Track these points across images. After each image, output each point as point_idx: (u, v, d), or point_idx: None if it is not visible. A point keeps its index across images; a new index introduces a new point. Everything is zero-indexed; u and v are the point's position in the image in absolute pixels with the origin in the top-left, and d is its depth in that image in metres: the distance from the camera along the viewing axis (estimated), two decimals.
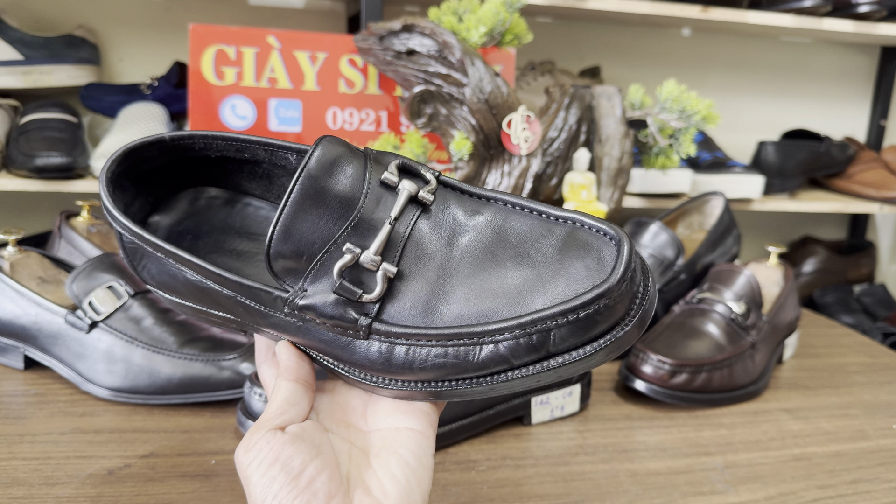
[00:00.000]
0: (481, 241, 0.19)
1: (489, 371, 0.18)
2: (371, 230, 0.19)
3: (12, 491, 0.27)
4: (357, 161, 0.20)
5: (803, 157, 0.86)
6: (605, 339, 0.18)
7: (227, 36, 0.54)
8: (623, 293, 0.17)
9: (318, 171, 0.19)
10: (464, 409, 0.32)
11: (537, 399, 0.34)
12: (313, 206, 0.19)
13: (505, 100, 0.48)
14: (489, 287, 0.18)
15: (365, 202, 0.19)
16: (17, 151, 0.62)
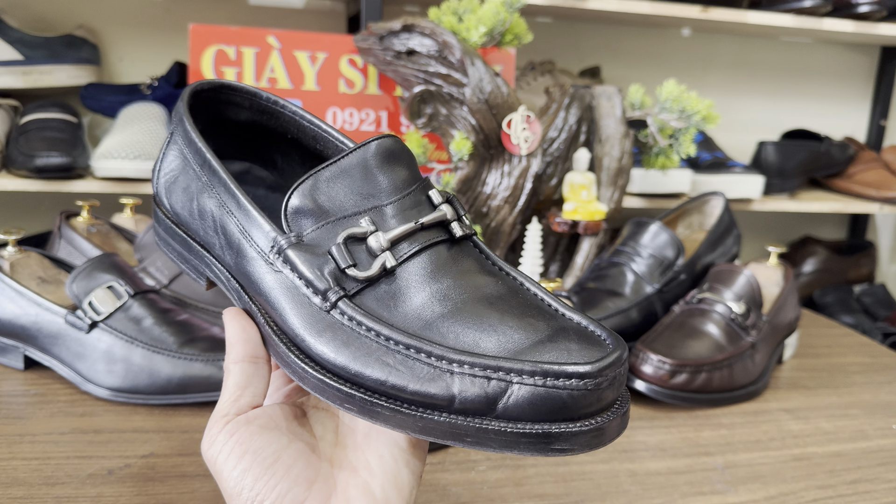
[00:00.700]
0: (487, 290, 0.18)
1: (427, 400, 0.16)
2: (395, 222, 0.19)
3: (12, 491, 0.27)
4: (413, 169, 0.21)
5: (803, 157, 0.86)
6: (557, 425, 0.15)
7: (226, 36, 0.54)
8: (602, 388, 0.16)
9: (379, 152, 0.20)
10: None
11: None
12: (359, 177, 0.19)
13: (505, 100, 0.48)
14: (478, 324, 0.17)
15: (403, 198, 0.19)
16: (17, 151, 0.62)
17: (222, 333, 0.36)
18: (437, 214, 0.19)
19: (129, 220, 0.48)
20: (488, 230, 0.52)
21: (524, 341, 0.17)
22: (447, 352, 0.16)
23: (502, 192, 0.51)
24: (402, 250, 0.19)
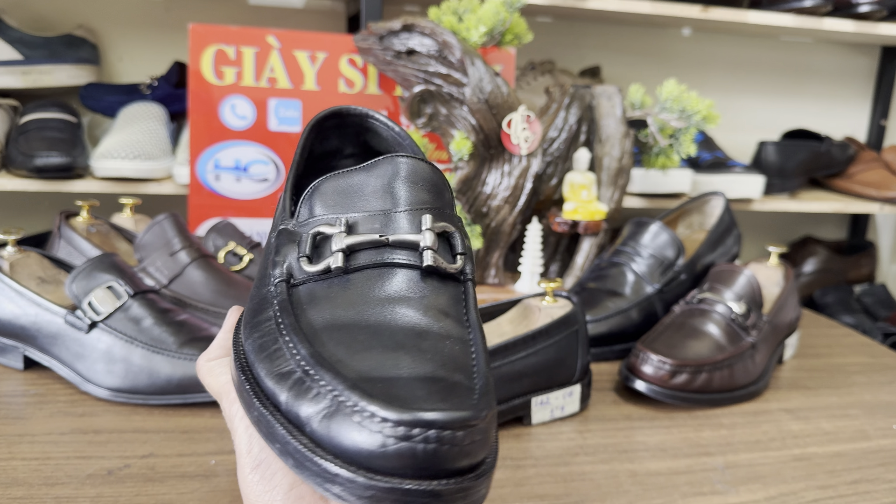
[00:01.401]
0: (416, 326, 0.17)
1: (274, 396, 0.15)
2: (368, 231, 0.19)
3: (12, 491, 0.27)
4: (434, 193, 0.20)
5: (804, 157, 0.86)
6: (340, 463, 0.14)
7: (226, 36, 0.54)
8: (404, 441, 0.13)
9: (401, 168, 0.20)
10: None
11: (537, 399, 0.34)
12: (372, 187, 0.19)
13: (505, 100, 0.48)
14: (364, 347, 0.16)
15: (398, 213, 0.19)
16: (16, 151, 0.62)
17: None
18: (409, 237, 0.18)
19: (129, 220, 0.48)
20: (488, 230, 0.52)
21: (386, 370, 0.15)
22: (309, 358, 0.16)
23: (502, 191, 0.51)
24: (359, 259, 0.18)
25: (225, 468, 0.29)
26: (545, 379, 0.33)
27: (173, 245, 0.42)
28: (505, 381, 0.32)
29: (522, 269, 0.52)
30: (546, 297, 0.35)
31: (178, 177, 0.64)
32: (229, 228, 0.49)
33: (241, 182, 0.56)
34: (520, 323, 0.36)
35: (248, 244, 0.48)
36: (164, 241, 0.42)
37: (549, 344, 0.33)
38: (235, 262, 0.47)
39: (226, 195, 0.56)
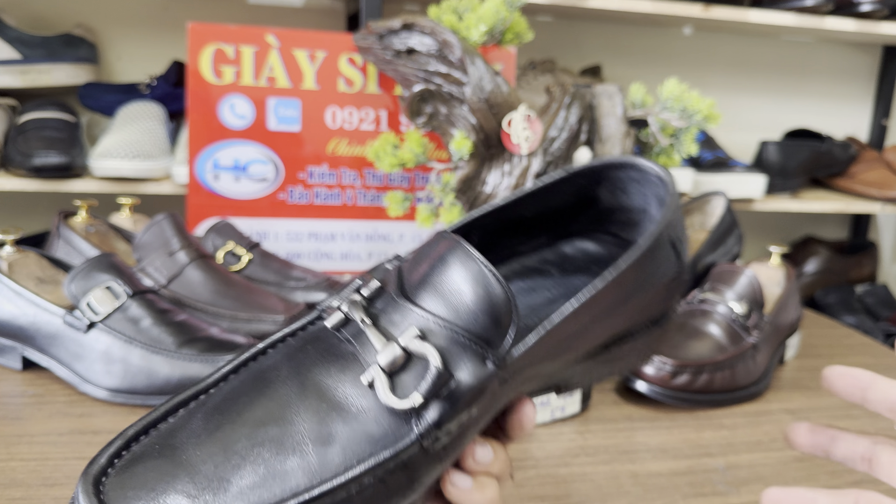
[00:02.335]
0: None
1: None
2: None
3: (10, 492, 0.27)
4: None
5: (805, 156, 0.86)
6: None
7: (225, 34, 0.54)
8: None
9: (442, 251, 0.17)
10: None
11: (537, 400, 0.33)
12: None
13: (505, 99, 0.48)
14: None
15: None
16: (14, 151, 0.62)
17: (221, 334, 0.36)
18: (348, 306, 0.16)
19: (128, 220, 0.48)
20: None
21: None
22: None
23: (503, 191, 0.51)
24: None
25: None
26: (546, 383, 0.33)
27: (172, 245, 0.41)
28: None
29: None
30: None
31: (177, 176, 0.63)
32: (228, 228, 0.49)
33: (240, 182, 0.56)
34: None
35: (247, 244, 0.48)
36: (163, 241, 0.42)
37: None
38: (234, 262, 0.47)
39: (225, 195, 0.56)
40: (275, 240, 0.58)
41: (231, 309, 0.40)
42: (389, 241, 0.60)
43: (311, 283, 0.47)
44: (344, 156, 0.57)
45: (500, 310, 0.16)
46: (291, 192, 0.57)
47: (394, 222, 0.60)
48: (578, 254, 0.23)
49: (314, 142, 0.57)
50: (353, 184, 0.58)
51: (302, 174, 0.57)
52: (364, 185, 0.58)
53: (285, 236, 0.58)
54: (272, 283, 0.46)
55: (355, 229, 0.59)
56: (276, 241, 0.57)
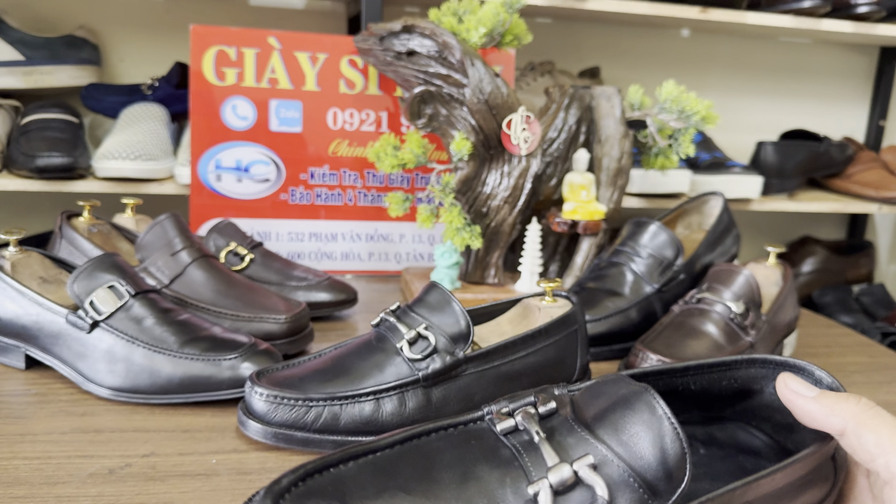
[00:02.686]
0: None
1: None
2: None
3: (13, 490, 0.27)
4: None
5: (802, 157, 0.86)
6: None
7: (227, 37, 0.54)
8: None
9: None
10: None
11: None
12: None
13: (505, 100, 0.49)
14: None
15: None
16: (18, 152, 0.62)
17: (223, 333, 0.36)
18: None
19: (130, 221, 0.49)
20: (488, 230, 0.52)
21: None
22: None
23: (502, 192, 0.51)
24: None
25: (226, 467, 0.29)
26: (544, 378, 0.33)
27: (174, 245, 0.42)
28: (504, 380, 0.32)
29: (522, 268, 0.52)
30: (545, 296, 0.35)
31: (180, 177, 0.64)
32: (230, 228, 0.49)
33: (243, 182, 0.56)
34: (519, 323, 0.36)
35: (248, 244, 0.48)
36: (166, 241, 0.42)
37: (549, 343, 0.33)
38: (237, 262, 0.47)
39: (227, 195, 0.56)
40: (276, 240, 0.58)
41: (233, 308, 0.40)
42: (390, 241, 0.61)
43: (312, 282, 0.47)
44: (345, 157, 0.58)
45: (675, 465, 0.17)
46: (293, 192, 0.58)
47: (394, 222, 0.60)
48: (728, 439, 0.23)
49: (315, 143, 0.57)
50: (353, 184, 0.59)
51: (303, 175, 0.58)
52: (365, 186, 0.59)
53: (287, 236, 0.58)
54: (274, 282, 0.47)
55: (356, 229, 0.59)
56: (277, 241, 0.58)
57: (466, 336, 0.30)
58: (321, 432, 0.29)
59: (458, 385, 0.30)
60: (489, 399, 0.31)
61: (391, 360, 0.30)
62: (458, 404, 0.31)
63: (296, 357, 0.41)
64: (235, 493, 0.28)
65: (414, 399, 0.29)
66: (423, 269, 0.56)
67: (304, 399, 0.29)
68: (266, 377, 0.31)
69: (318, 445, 0.29)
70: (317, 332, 0.45)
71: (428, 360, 0.30)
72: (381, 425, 0.29)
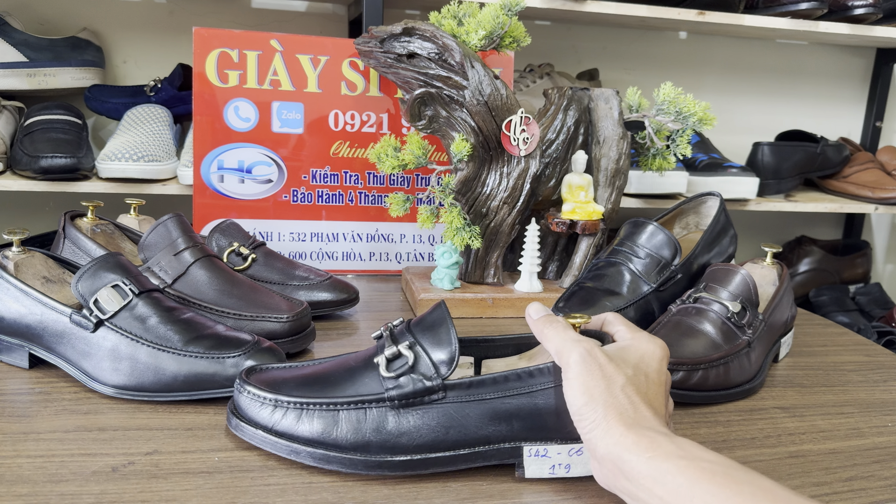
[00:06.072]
0: None
1: None
2: None
3: (17, 488, 0.27)
4: None
5: (799, 158, 0.87)
6: None
7: (230, 39, 0.54)
8: None
9: None
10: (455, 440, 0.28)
11: (531, 449, 0.28)
12: None
13: (504, 102, 0.49)
14: None
15: None
16: (21, 153, 0.63)
17: (226, 331, 0.37)
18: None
19: (134, 221, 0.49)
20: (487, 230, 0.52)
21: None
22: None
23: (501, 192, 0.51)
24: None
25: (228, 465, 0.30)
26: (538, 427, 0.28)
27: (178, 245, 0.42)
28: (489, 418, 0.28)
29: (521, 268, 0.53)
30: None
31: (183, 178, 0.64)
32: (233, 228, 0.49)
33: (245, 183, 0.57)
34: (536, 358, 0.32)
35: (251, 244, 0.49)
36: (169, 240, 0.42)
37: (550, 387, 0.28)
38: (239, 261, 0.47)
39: (230, 196, 0.57)
40: (278, 240, 0.58)
41: (236, 308, 0.40)
42: (391, 241, 0.61)
43: (314, 282, 0.48)
44: (346, 158, 0.58)
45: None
46: (295, 193, 0.58)
47: (395, 223, 0.61)
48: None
49: (317, 144, 0.57)
50: (355, 185, 0.59)
51: (305, 176, 0.58)
52: (366, 187, 0.59)
53: (289, 236, 0.59)
54: (276, 282, 0.47)
55: (357, 229, 0.60)
56: (279, 241, 0.58)
57: (451, 361, 0.28)
58: (280, 435, 0.29)
59: (432, 414, 0.28)
60: (467, 438, 0.28)
61: (368, 375, 0.29)
62: (427, 436, 0.28)
63: (298, 356, 0.42)
64: (238, 491, 0.28)
65: (376, 420, 0.28)
66: (424, 269, 0.57)
67: (274, 399, 0.29)
68: (260, 374, 0.31)
69: (274, 447, 0.29)
70: (318, 331, 0.45)
71: (401, 380, 0.28)
72: (336, 441, 0.28)
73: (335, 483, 0.29)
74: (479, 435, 0.28)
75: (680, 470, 0.22)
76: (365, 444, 0.28)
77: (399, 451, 0.28)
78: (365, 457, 0.28)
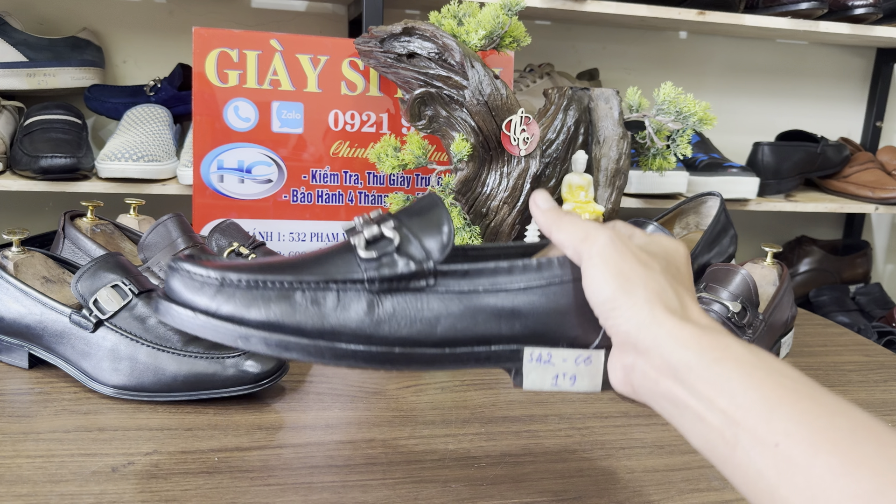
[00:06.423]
0: None
1: None
2: None
3: (17, 488, 0.27)
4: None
5: (799, 158, 0.87)
6: None
7: (230, 39, 0.54)
8: None
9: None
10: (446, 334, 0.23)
11: (532, 353, 0.23)
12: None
13: (504, 102, 0.49)
14: None
15: None
16: (21, 152, 0.63)
17: None
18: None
19: (134, 221, 0.49)
20: (487, 230, 0.52)
21: None
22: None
23: (501, 192, 0.51)
24: None
25: (228, 465, 0.30)
26: (547, 330, 0.23)
27: (177, 245, 0.42)
28: (487, 315, 0.23)
29: None
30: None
31: (182, 178, 0.64)
32: (233, 228, 0.49)
33: (245, 183, 0.57)
34: None
35: (251, 244, 0.49)
36: (169, 240, 0.42)
37: (564, 282, 0.23)
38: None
39: (229, 196, 0.57)
40: (278, 240, 0.58)
41: None
42: None
43: None
44: (346, 158, 0.58)
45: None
46: (294, 193, 0.58)
47: None
48: None
49: (317, 144, 0.57)
50: (355, 185, 0.59)
51: (305, 176, 0.58)
52: (366, 187, 0.59)
53: (288, 236, 0.58)
54: None
55: None
56: (279, 241, 0.58)
57: (445, 246, 0.23)
58: (225, 319, 0.22)
59: (418, 304, 0.23)
60: (458, 335, 0.23)
61: (342, 259, 0.23)
62: (410, 328, 0.22)
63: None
64: (238, 491, 0.28)
65: (350, 304, 0.22)
66: None
67: (219, 278, 0.22)
68: (201, 261, 0.24)
69: (216, 333, 0.22)
70: None
71: (383, 261, 0.23)
72: (299, 325, 0.22)
73: (335, 483, 0.29)
74: (472, 333, 0.23)
75: (755, 383, 0.17)
76: (334, 331, 0.22)
77: (376, 341, 0.23)
78: (332, 343, 0.22)
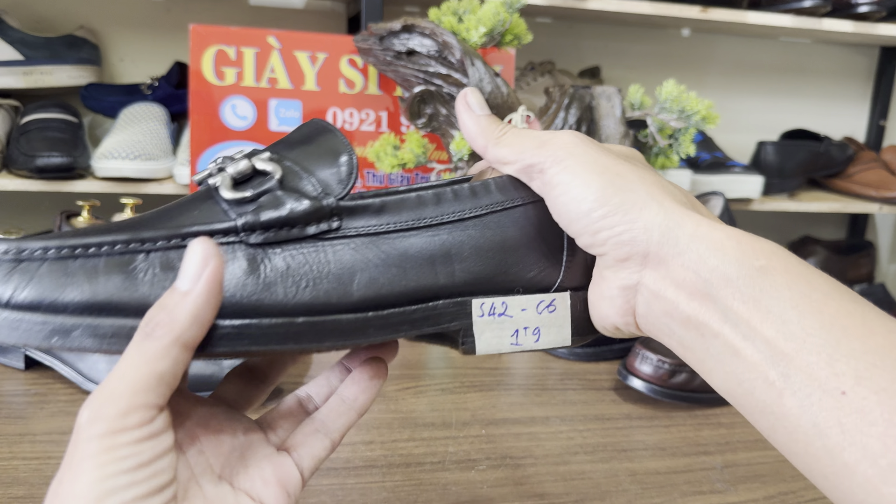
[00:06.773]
0: None
1: None
2: None
3: (12, 490, 0.27)
4: None
5: (803, 157, 0.86)
6: None
7: (227, 36, 0.54)
8: None
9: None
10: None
11: (482, 305, 0.18)
12: None
13: (505, 100, 0.49)
14: None
15: None
16: (17, 151, 0.62)
17: None
18: None
19: None
20: None
21: None
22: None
23: None
24: None
25: None
26: (498, 271, 0.18)
27: None
28: (415, 262, 0.17)
29: None
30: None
31: (179, 177, 0.64)
32: None
33: None
34: None
35: None
36: None
37: (508, 208, 0.18)
38: None
39: None
40: None
41: None
42: None
43: None
44: None
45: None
46: None
47: None
48: None
49: None
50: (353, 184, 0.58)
51: None
52: (365, 186, 0.59)
53: None
54: None
55: None
56: None
57: (346, 178, 0.17)
58: (26, 308, 0.15)
59: (320, 256, 0.17)
60: (382, 293, 0.17)
61: (198, 205, 0.17)
62: (314, 289, 0.16)
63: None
64: None
65: (228, 264, 0.16)
66: None
67: (15, 251, 0.15)
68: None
69: (14, 331, 0.14)
70: None
71: (261, 201, 0.16)
72: (142, 301, 0.15)
73: (333, 486, 0.28)
74: (401, 287, 0.17)
75: (814, 306, 0.13)
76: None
77: (268, 312, 0.16)
78: None
